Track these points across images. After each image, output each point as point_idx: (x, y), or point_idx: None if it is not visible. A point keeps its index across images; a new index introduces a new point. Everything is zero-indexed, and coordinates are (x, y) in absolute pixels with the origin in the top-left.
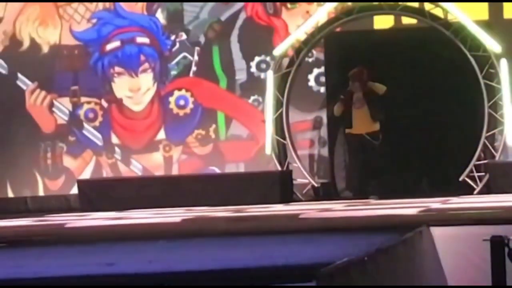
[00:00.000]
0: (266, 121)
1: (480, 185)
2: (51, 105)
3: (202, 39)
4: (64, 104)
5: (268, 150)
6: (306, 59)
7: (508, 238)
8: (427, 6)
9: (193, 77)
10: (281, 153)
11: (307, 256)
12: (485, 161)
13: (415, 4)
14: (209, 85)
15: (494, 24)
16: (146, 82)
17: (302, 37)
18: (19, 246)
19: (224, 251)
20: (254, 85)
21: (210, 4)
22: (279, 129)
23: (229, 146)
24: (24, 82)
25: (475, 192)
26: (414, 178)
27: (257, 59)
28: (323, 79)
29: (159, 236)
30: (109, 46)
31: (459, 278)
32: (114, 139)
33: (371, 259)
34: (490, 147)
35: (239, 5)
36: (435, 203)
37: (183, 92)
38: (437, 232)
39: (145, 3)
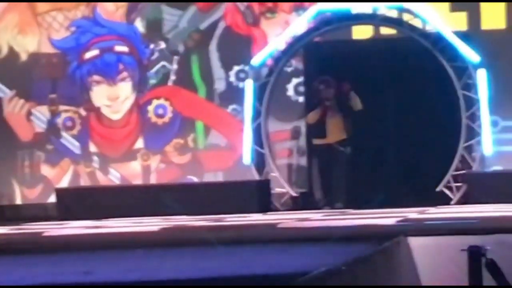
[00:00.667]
0: (244, 131)
1: (458, 195)
2: (29, 113)
3: (181, 48)
4: (42, 113)
5: (247, 159)
6: (285, 68)
7: (485, 248)
8: (406, 16)
9: (172, 86)
10: (260, 162)
11: (285, 265)
12: (463, 171)
13: (394, 14)
14: (188, 94)
15: (472, 35)
16: (124, 90)
17: (281, 46)
18: None
19: (202, 261)
20: (233, 94)
21: (190, 13)
22: (258, 138)
23: (207, 155)
24: (2, 90)
25: (453, 202)
26: (392, 188)
27: (236, 68)
28: (302, 88)
29: (137, 245)
30: (87, 55)
31: None
32: (92, 148)
33: (349, 269)
34: (468, 158)
35: (218, 14)
36: (413, 213)
37: (161, 101)
38: (414, 242)
39: (124, 12)
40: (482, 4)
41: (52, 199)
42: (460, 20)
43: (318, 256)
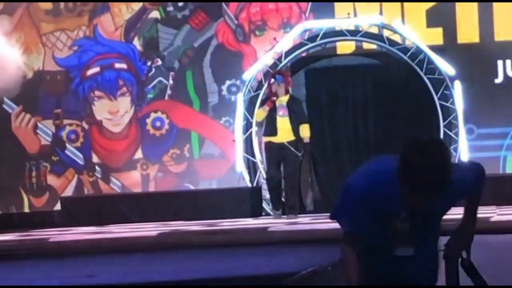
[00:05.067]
0: (236, 141)
1: None
2: (35, 127)
3: (176, 65)
4: (47, 126)
5: (239, 167)
6: None
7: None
8: (386, 32)
9: (168, 100)
10: (251, 170)
11: (275, 266)
12: None
13: (375, 30)
14: (183, 107)
15: (448, 48)
16: (124, 105)
17: (270, 62)
18: (6, 259)
19: (197, 263)
20: (225, 107)
21: (184, 31)
22: (249, 147)
23: (202, 164)
24: (10, 106)
25: None
26: None
27: (228, 82)
28: None
29: (136, 249)
30: (89, 72)
31: None
32: (95, 159)
33: (334, 268)
34: None
35: (210, 32)
36: None
37: (159, 114)
38: None
39: (123, 31)
40: (458, 19)
41: (58, 207)
42: (436, 35)
43: (306, 257)
